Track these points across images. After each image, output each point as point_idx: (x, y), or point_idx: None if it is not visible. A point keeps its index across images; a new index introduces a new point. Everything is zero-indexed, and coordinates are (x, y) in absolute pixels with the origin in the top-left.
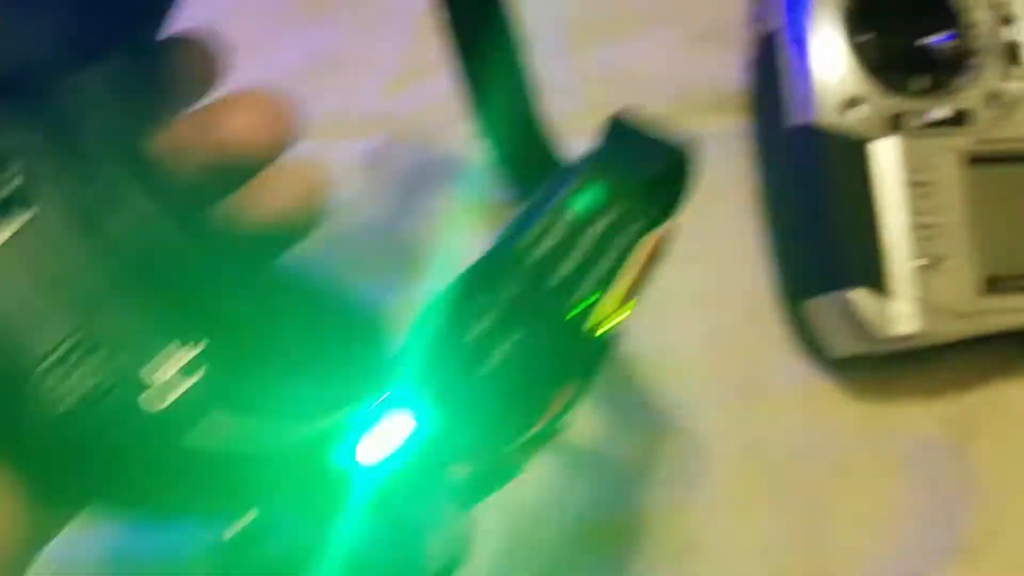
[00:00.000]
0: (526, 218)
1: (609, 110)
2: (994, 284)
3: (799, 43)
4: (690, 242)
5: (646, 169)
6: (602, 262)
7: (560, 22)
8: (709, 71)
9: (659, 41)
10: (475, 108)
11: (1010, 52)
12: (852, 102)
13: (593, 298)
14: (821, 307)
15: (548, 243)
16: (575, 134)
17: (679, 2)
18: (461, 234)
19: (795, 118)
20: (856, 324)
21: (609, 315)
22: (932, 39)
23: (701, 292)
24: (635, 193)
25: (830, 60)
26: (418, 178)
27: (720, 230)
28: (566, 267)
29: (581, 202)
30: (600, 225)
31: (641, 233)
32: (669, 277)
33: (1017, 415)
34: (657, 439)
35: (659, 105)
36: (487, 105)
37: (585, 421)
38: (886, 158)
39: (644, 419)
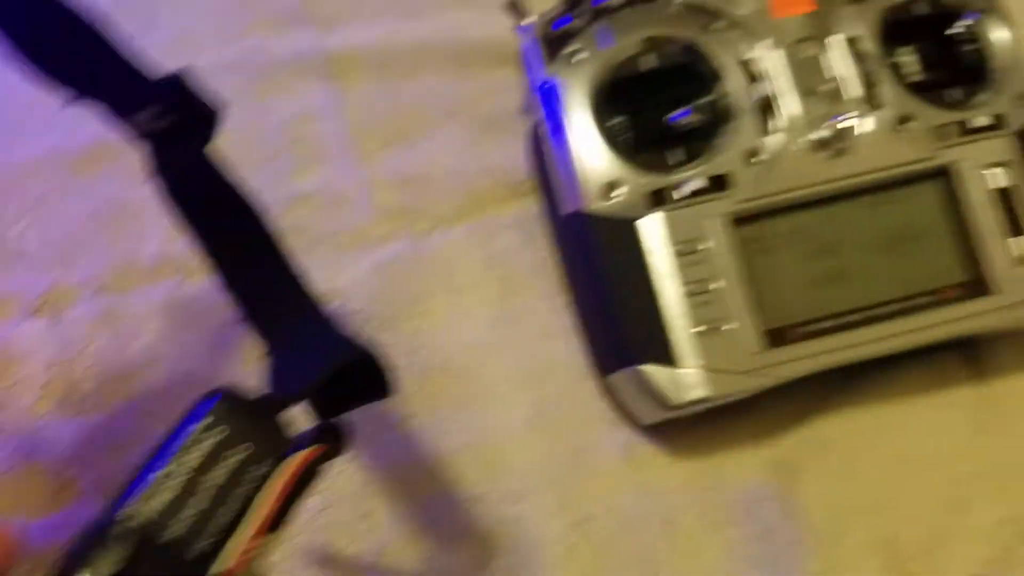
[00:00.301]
0: (139, 476)
1: (403, 215)
2: (776, 337)
3: (557, 133)
4: (502, 327)
5: (270, 404)
6: (224, 508)
7: (345, 134)
8: (499, 161)
9: (446, 138)
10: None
11: (764, 108)
12: (612, 186)
13: (211, 545)
14: (620, 382)
15: (162, 498)
16: (367, 244)
17: (461, 97)
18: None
19: (566, 206)
20: (651, 395)
21: (250, 549)
22: (679, 112)
23: (518, 376)
24: (257, 434)
25: (587, 147)
26: (213, 316)
27: (531, 312)
28: (184, 518)
29: (196, 452)
30: (219, 471)
31: (271, 468)
32: (485, 366)
33: (837, 451)
34: (488, 537)
35: (454, 202)
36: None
37: (414, 535)
38: (653, 234)
39: (473, 519)
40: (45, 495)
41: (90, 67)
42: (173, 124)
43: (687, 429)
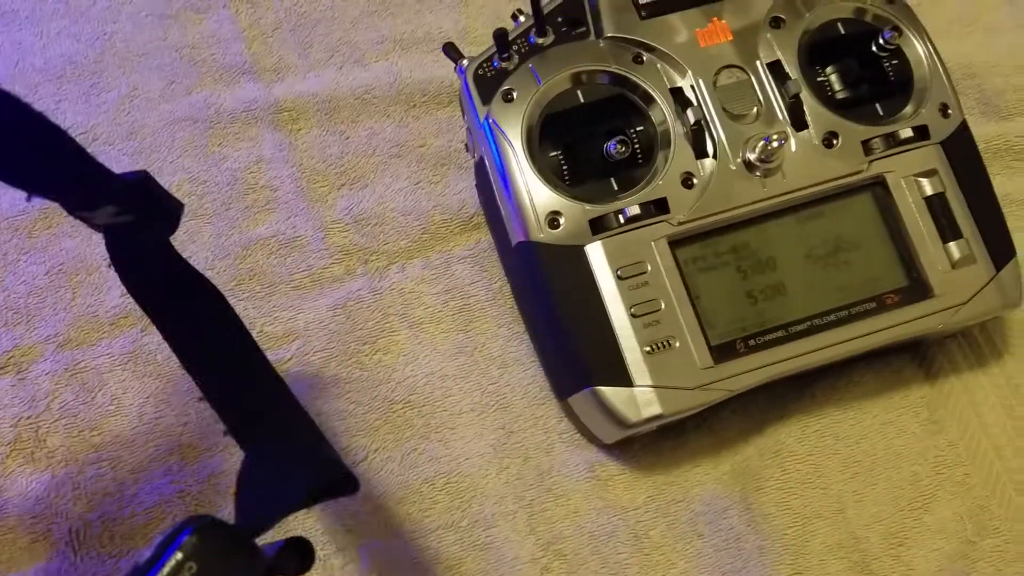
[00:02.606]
0: None
1: (358, 253)
2: (724, 352)
3: (500, 169)
4: (463, 357)
5: (245, 534)
6: None
7: (297, 179)
8: (448, 197)
9: (396, 178)
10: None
11: (696, 133)
12: (555, 216)
13: None
14: (578, 404)
15: None
16: (325, 284)
17: (408, 138)
18: None
19: (514, 237)
20: (609, 415)
21: None
22: (608, 145)
23: (483, 404)
24: (232, 565)
25: (528, 181)
26: (174, 364)
27: (490, 339)
28: None
29: None
30: None
31: None
32: (450, 396)
33: (796, 458)
34: (463, 563)
35: (408, 238)
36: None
37: (390, 568)
38: (597, 260)
39: (447, 546)
40: (19, 549)
41: (47, 169)
42: (132, 221)
43: (649, 446)
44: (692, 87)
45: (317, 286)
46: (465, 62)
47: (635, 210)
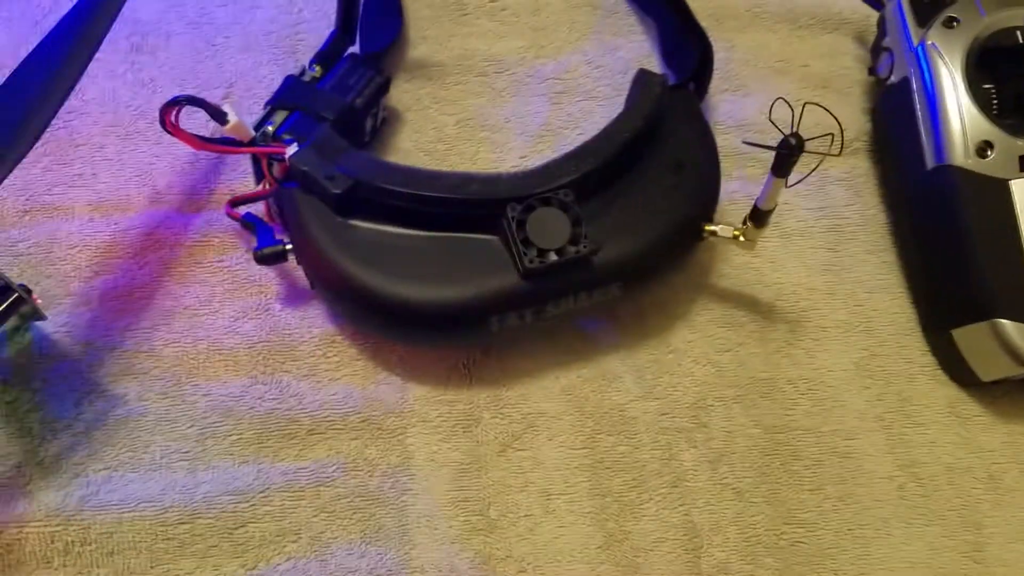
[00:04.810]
0: None
1: (738, 158)
2: None
3: (931, 92)
4: (831, 275)
5: None
6: None
7: None
8: (830, 118)
9: (777, 92)
10: None
11: None
12: (985, 145)
13: None
14: (968, 336)
15: None
16: None
17: (793, 56)
18: None
19: (933, 160)
20: (1005, 350)
21: None
22: None
23: (847, 323)
24: None
25: (960, 108)
26: None
27: (859, 263)
28: None
29: None
30: None
31: None
32: (816, 309)
33: None
34: (822, 465)
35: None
36: None
37: (745, 453)
38: (1020, 196)
39: (807, 447)
40: None
41: None
42: None
43: (1010, 393)
44: None
45: None
46: None
47: None
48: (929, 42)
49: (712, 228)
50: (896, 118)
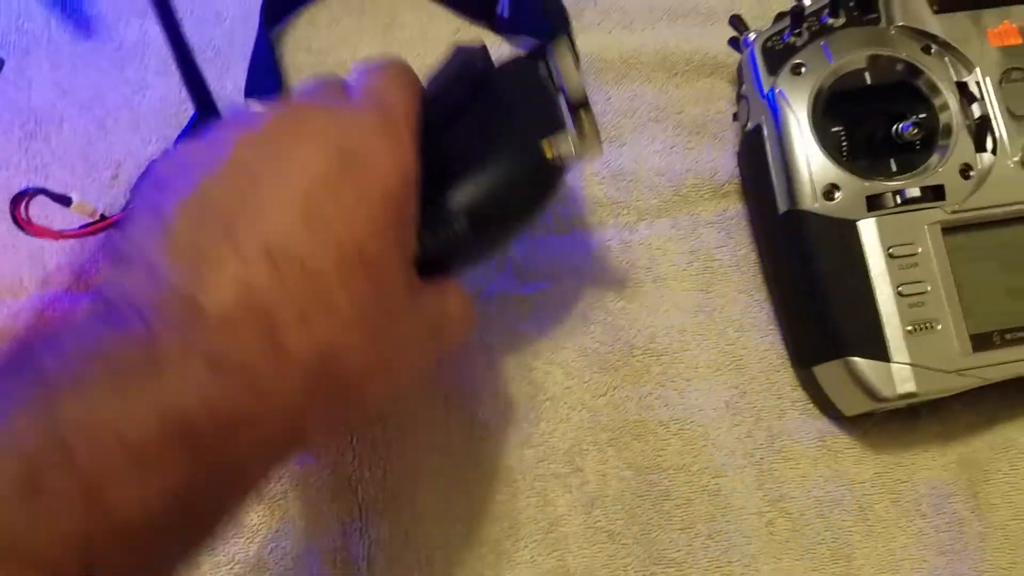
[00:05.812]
0: None
1: (611, 207)
2: (981, 341)
3: (781, 138)
4: (702, 315)
5: None
6: None
7: None
8: (702, 163)
9: (653, 140)
10: None
11: (978, 127)
12: (832, 188)
13: None
14: (826, 373)
15: None
16: (580, 231)
17: (668, 103)
18: None
19: (785, 204)
20: (860, 387)
21: None
22: (901, 125)
23: (718, 362)
24: None
25: (808, 152)
26: None
27: (730, 303)
28: None
29: None
30: None
31: None
32: (688, 350)
33: (1023, 456)
34: (692, 503)
35: (660, 198)
36: None
37: (621, 495)
38: (869, 235)
39: (677, 486)
40: None
41: None
42: None
43: (881, 424)
44: (978, 83)
45: (570, 232)
46: (752, 34)
47: (915, 192)
48: (778, 89)
49: (549, 144)
50: (752, 164)
